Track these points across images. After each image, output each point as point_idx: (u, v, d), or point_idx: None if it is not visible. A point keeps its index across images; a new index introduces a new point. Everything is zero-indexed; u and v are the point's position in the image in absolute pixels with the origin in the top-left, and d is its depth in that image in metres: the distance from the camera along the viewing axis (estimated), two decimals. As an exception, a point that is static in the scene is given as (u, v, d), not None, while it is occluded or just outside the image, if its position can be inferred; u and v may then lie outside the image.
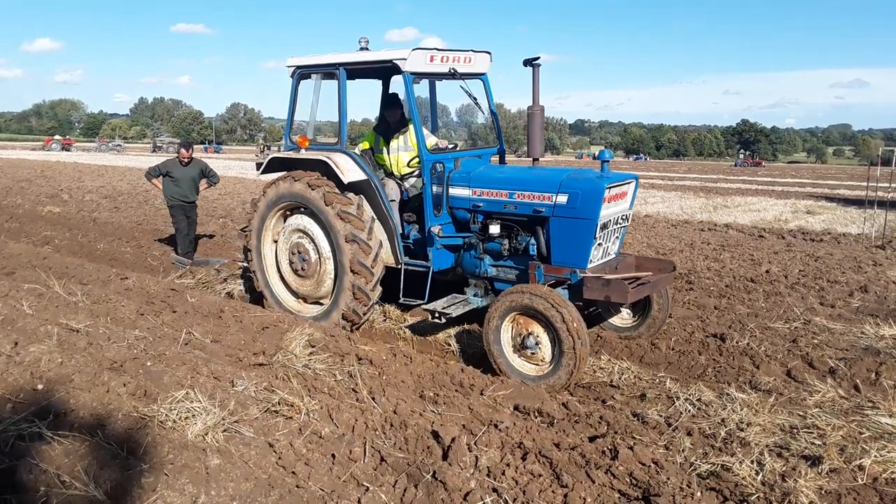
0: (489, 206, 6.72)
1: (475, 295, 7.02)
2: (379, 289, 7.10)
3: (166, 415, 4.31)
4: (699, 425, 4.81)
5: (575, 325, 5.52)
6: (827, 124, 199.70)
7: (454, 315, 6.57)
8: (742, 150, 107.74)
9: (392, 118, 7.84)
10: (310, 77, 7.62)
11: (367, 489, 3.76)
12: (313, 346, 6.06)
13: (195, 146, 10.84)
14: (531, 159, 7.04)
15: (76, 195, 21.38)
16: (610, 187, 6.09)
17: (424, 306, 6.73)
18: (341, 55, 7.16)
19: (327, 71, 7.35)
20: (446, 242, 6.96)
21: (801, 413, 4.96)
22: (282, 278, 7.87)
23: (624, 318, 7.15)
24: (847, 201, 24.23)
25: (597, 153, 7.16)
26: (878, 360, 5.98)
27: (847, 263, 11.28)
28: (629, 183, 6.53)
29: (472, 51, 7.31)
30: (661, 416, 5.05)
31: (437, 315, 6.51)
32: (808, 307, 8.09)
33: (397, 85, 8.22)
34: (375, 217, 7.14)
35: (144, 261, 10.90)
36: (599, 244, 6.29)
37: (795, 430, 4.66)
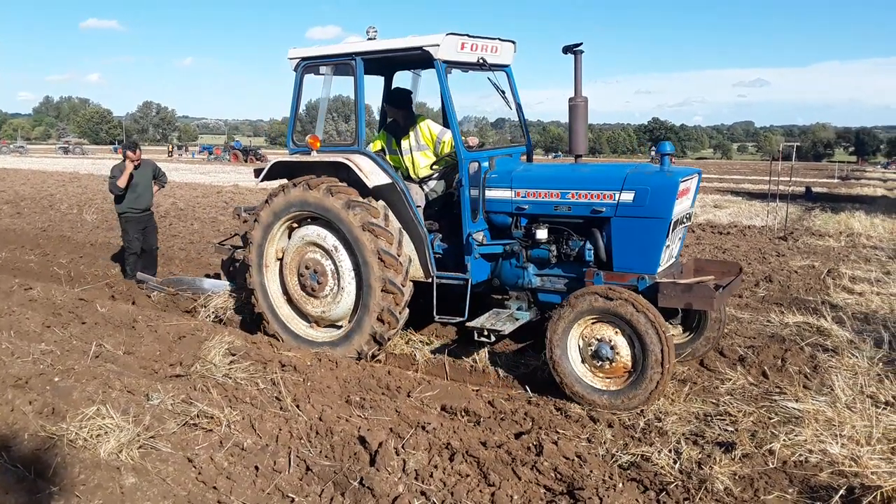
0: (536, 209, 6.00)
1: (519, 308, 6.24)
2: (407, 310, 6.35)
3: (76, 433, 4.12)
4: (619, 417, 4.95)
5: (666, 337, 4.94)
6: (731, 122, 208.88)
7: (506, 332, 5.93)
8: (654, 148, 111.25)
9: (401, 116, 7.07)
10: (315, 71, 6.73)
11: (293, 500, 3.70)
12: (234, 355, 5.90)
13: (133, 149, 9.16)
14: (574, 156, 6.26)
15: (-28, 201, 20.15)
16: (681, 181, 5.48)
17: (468, 324, 5.96)
18: (358, 44, 6.36)
19: (340, 62, 6.52)
20: (485, 251, 6.20)
21: (713, 401, 5.17)
22: (288, 299, 6.89)
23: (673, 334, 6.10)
24: (751, 195, 25.46)
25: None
26: (784, 346, 6.29)
27: (753, 255, 11.87)
28: (693, 178, 5.88)
29: (499, 39, 6.52)
30: (583, 409, 5.17)
31: (485, 333, 5.79)
32: (718, 298, 8.43)
33: (398, 81, 7.59)
34: (403, 227, 6.33)
35: (50, 269, 10.32)
36: (667, 246, 5.63)
37: (709, 418, 4.86)
